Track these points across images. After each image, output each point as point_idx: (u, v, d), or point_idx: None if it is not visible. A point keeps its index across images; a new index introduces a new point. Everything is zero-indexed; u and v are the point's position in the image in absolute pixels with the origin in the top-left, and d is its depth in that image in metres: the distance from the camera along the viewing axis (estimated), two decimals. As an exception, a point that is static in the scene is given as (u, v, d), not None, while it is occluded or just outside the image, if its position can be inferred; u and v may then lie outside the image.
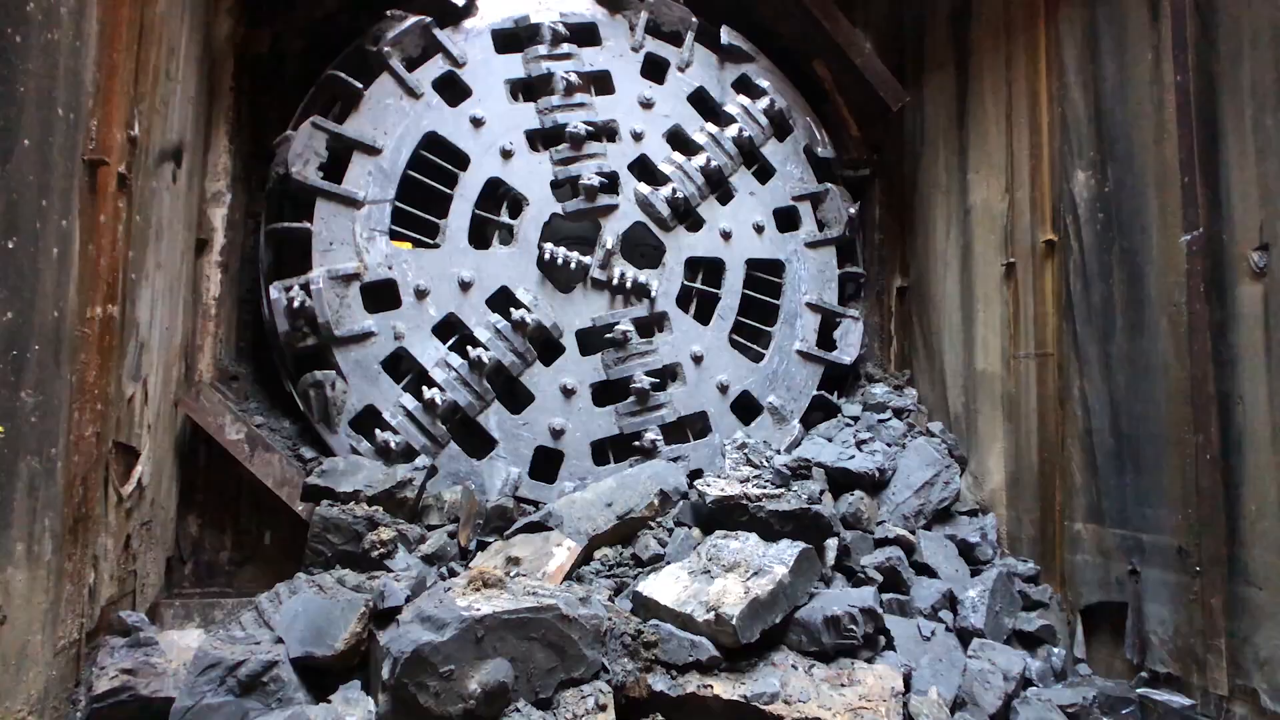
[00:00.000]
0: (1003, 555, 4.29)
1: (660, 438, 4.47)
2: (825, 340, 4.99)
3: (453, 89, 4.44)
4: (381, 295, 4.18)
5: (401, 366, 4.25)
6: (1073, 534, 3.99)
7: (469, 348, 4.20)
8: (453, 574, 3.49)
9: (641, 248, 4.76)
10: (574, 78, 4.52)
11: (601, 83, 4.71)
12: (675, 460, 4.44)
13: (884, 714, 2.80)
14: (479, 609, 2.68)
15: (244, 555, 4.16)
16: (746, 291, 4.82)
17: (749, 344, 4.87)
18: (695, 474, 4.30)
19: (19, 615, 2.52)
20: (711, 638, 2.93)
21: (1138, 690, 3.47)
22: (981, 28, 4.81)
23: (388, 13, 4.38)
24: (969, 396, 4.77)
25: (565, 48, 4.59)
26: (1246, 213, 3.20)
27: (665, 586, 3.18)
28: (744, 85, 5.00)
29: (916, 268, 5.36)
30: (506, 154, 4.43)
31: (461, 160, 4.37)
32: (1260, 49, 3.16)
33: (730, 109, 4.91)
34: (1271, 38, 3.12)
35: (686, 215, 4.73)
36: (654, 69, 4.83)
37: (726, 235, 4.79)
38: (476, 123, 4.41)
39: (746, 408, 4.76)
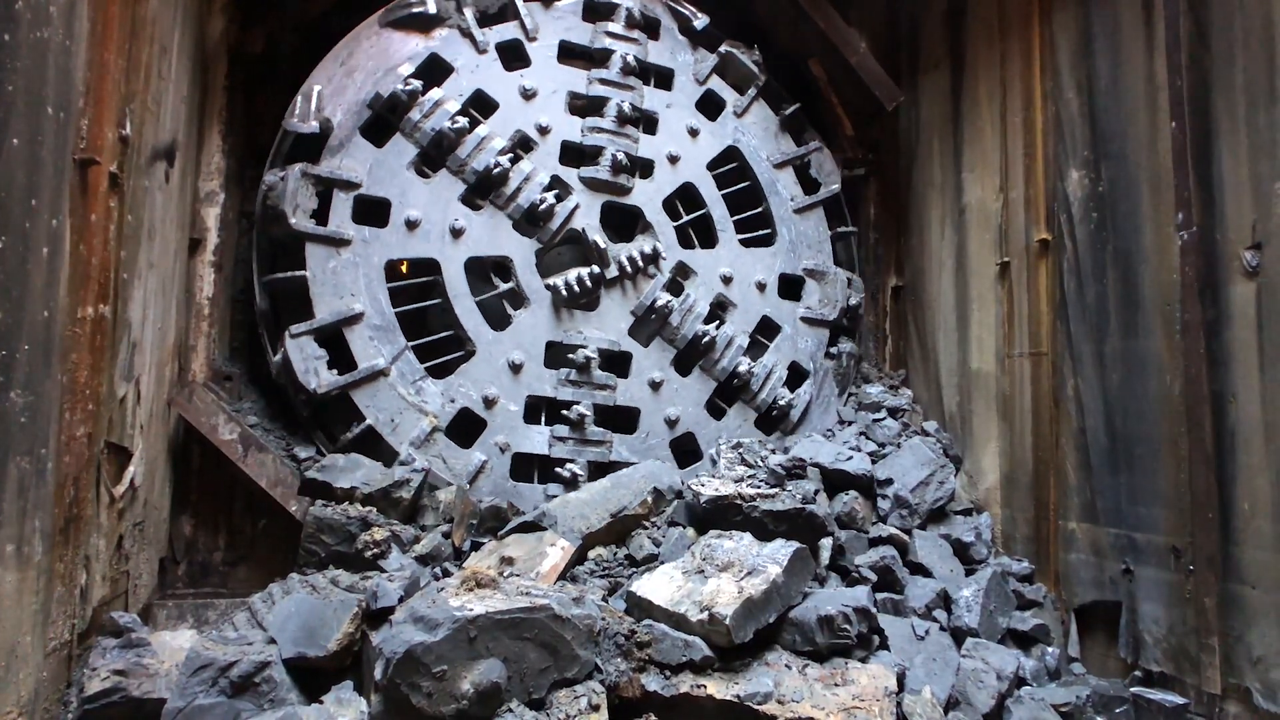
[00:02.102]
0: (997, 554, 4.30)
1: (749, 363, 4.69)
2: (808, 185, 5.14)
3: (370, 208, 4.20)
4: (465, 426, 4.17)
5: (526, 466, 4.29)
6: (1067, 533, 3.99)
7: (563, 412, 4.30)
8: (446, 574, 3.48)
9: (621, 219, 4.75)
10: (460, 120, 4.28)
11: (482, 105, 4.47)
12: (770, 374, 4.74)
13: (878, 714, 2.80)
14: (472, 609, 2.68)
15: (237, 556, 4.15)
16: (724, 192, 4.88)
17: (756, 232, 4.95)
18: (691, 473, 4.31)
19: (9, 616, 2.51)
20: (705, 637, 2.92)
21: (1131, 689, 3.47)
22: (976, 27, 4.82)
23: (264, 181, 4.10)
24: (964, 396, 4.78)
25: (430, 97, 4.28)
26: (1239, 211, 3.20)
27: (659, 586, 3.17)
28: (592, 11, 4.78)
29: (911, 267, 5.37)
30: (458, 232, 4.26)
31: (431, 266, 4.23)
32: (1253, 48, 3.17)
33: (600, 43, 4.72)
34: (1264, 37, 3.12)
35: (634, 167, 4.71)
36: (512, 56, 4.59)
37: (674, 159, 4.79)
38: (413, 225, 4.19)
39: (788, 286, 4.98)
